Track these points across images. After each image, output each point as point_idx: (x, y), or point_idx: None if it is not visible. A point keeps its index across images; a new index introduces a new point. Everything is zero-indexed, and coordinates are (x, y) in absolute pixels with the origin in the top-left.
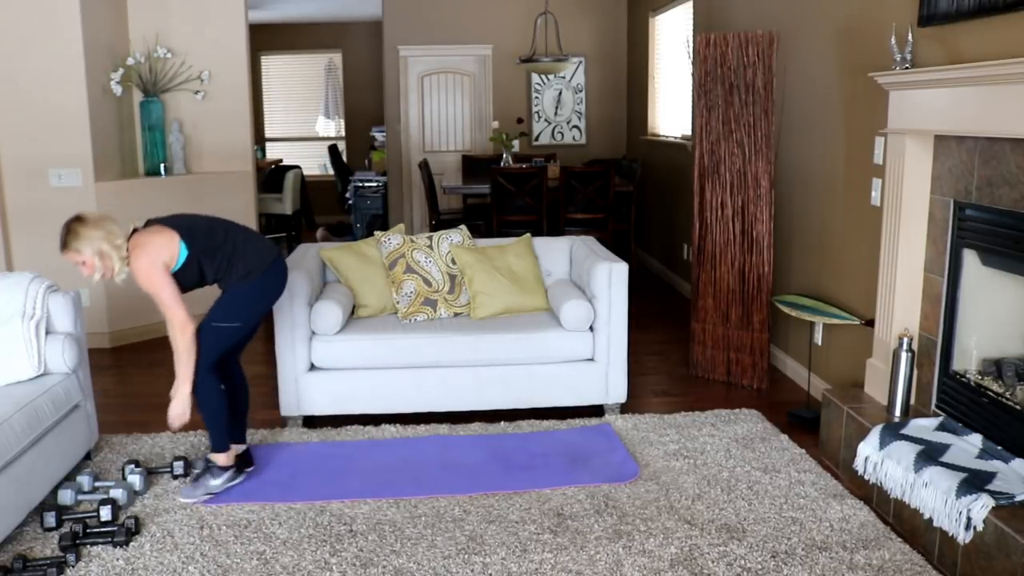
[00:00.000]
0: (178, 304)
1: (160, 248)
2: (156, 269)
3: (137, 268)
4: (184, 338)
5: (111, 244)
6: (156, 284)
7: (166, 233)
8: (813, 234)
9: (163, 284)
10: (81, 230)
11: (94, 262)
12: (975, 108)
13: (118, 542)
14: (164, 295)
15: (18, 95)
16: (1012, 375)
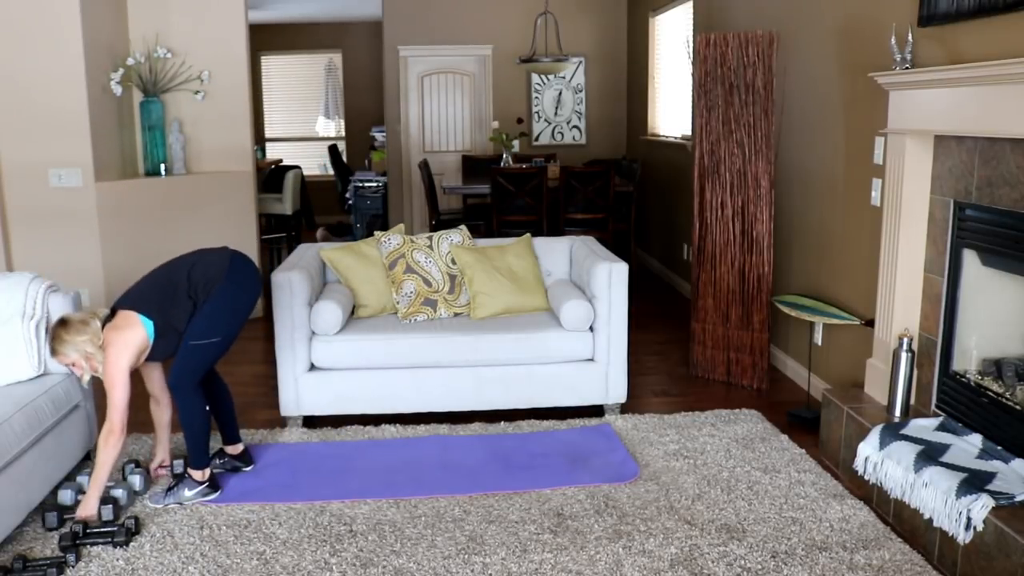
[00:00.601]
0: (125, 410)
1: (128, 343)
2: (119, 370)
3: (105, 369)
4: (109, 443)
5: (95, 346)
6: (115, 384)
7: (128, 319)
8: (813, 234)
9: (120, 385)
10: (65, 336)
11: (82, 364)
12: (975, 108)
13: (118, 542)
14: (117, 395)
15: (18, 95)
16: (1012, 375)
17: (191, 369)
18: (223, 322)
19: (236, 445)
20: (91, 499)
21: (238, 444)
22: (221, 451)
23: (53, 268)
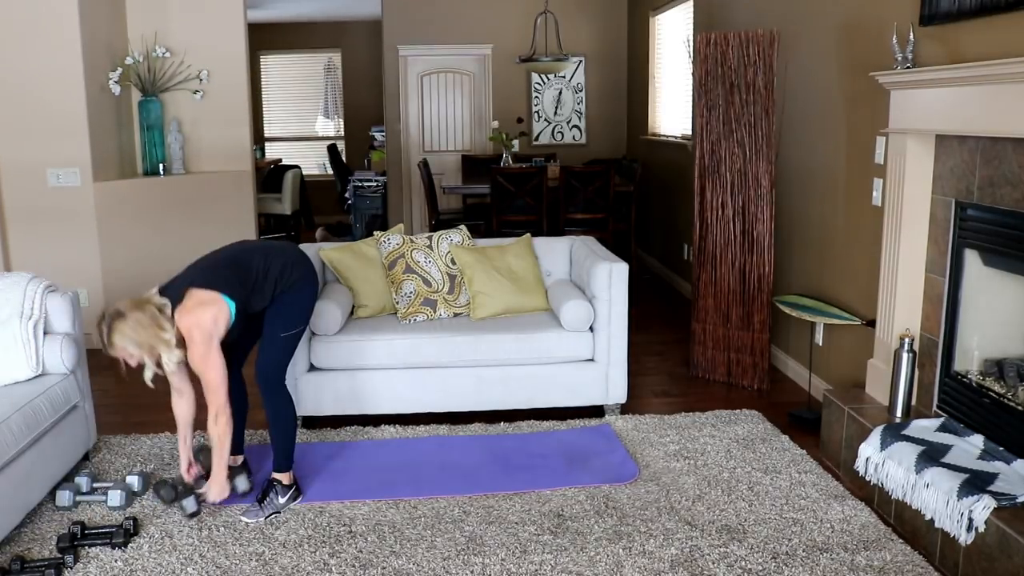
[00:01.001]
0: (223, 387)
1: (217, 320)
2: (213, 352)
3: (194, 352)
4: (220, 424)
5: (156, 336)
6: (210, 366)
7: (210, 296)
8: (814, 234)
9: (217, 366)
10: (121, 326)
11: (141, 357)
12: (977, 108)
13: (116, 543)
14: (213, 376)
15: (16, 95)
16: (1014, 376)
17: (282, 361)
18: (308, 313)
19: (238, 456)
20: (219, 479)
21: (240, 456)
22: None
23: (51, 268)
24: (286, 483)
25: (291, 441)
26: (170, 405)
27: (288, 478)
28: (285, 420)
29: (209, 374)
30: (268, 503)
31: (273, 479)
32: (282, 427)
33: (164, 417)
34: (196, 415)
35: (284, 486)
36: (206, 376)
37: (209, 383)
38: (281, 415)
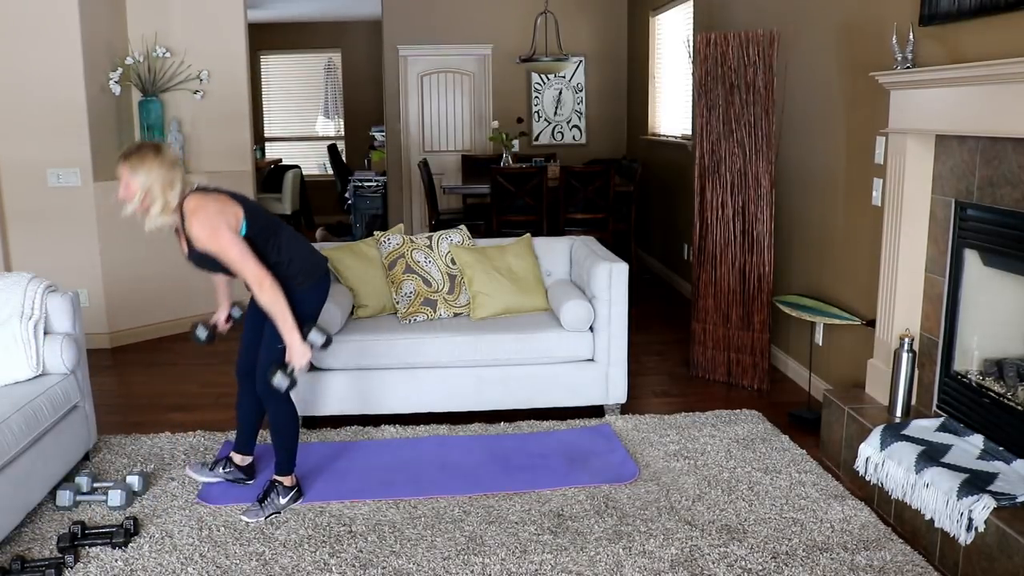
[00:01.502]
0: (248, 259)
1: (220, 213)
2: (221, 230)
3: (199, 232)
4: (265, 291)
5: (163, 191)
6: (223, 244)
7: (227, 200)
8: (814, 234)
9: (231, 243)
10: (150, 159)
11: (136, 194)
12: (976, 108)
13: (117, 543)
14: (232, 253)
15: (16, 95)
16: (1013, 375)
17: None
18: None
19: (247, 456)
20: (293, 345)
21: (249, 456)
22: (228, 459)
23: (51, 268)
24: (287, 485)
25: (292, 445)
26: (170, 406)
27: (290, 480)
28: (285, 425)
29: (229, 252)
30: (269, 503)
31: (274, 480)
32: (283, 432)
33: (164, 417)
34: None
35: (285, 487)
36: (227, 254)
37: (231, 259)
38: (281, 421)
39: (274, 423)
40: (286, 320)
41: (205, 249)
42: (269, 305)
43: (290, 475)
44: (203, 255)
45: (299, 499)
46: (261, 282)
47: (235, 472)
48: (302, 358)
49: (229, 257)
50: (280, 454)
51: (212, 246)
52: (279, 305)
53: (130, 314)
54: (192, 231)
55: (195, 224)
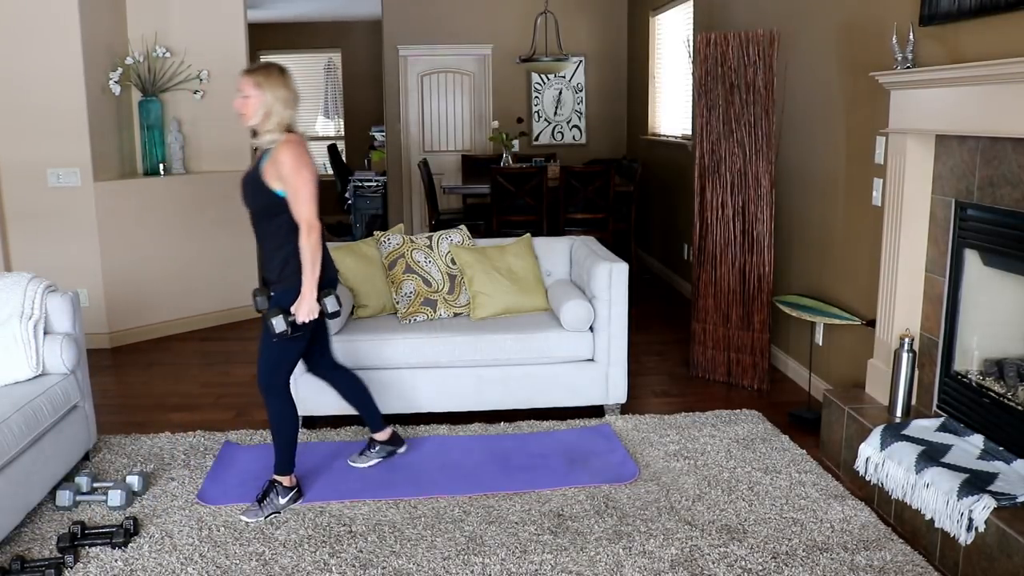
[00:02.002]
0: (313, 202)
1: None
2: (308, 167)
3: (285, 158)
4: (312, 235)
5: (283, 108)
6: (303, 178)
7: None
8: (814, 234)
9: (308, 181)
10: (275, 77)
11: (256, 106)
12: (976, 108)
13: (116, 543)
14: (306, 190)
15: (16, 95)
16: (1014, 375)
17: (277, 365)
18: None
19: (384, 431)
20: (307, 298)
21: (386, 429)
22: (371, 440)
23: (52, 268)
24: (287, 485)
25: (290, 445)
26: (170, 406)
27: (289, 480)
28: (282, 424)
29: (304, 188)
30: (268, 503)
31: (273, 480)
32: (280, 431)
33: (164, 417)
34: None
35: (284, 487)
36: (300, 189)
37: (301, 195)
38: (277, 419)
39: (273, 422)
40: (314, 271)
41: (278, 176)
42: (309, 251)
43: (289, 475)
44: (259, 186)
45: (299, 499)
46: (312, 225)
47: (383, 448)
48: (308, 313)
49: (300, 192)
50: (278, 453)
51: (290, 176)
52: (316, 254)
53: (130, 314)
54: (279, 156)
55: (286, 151)
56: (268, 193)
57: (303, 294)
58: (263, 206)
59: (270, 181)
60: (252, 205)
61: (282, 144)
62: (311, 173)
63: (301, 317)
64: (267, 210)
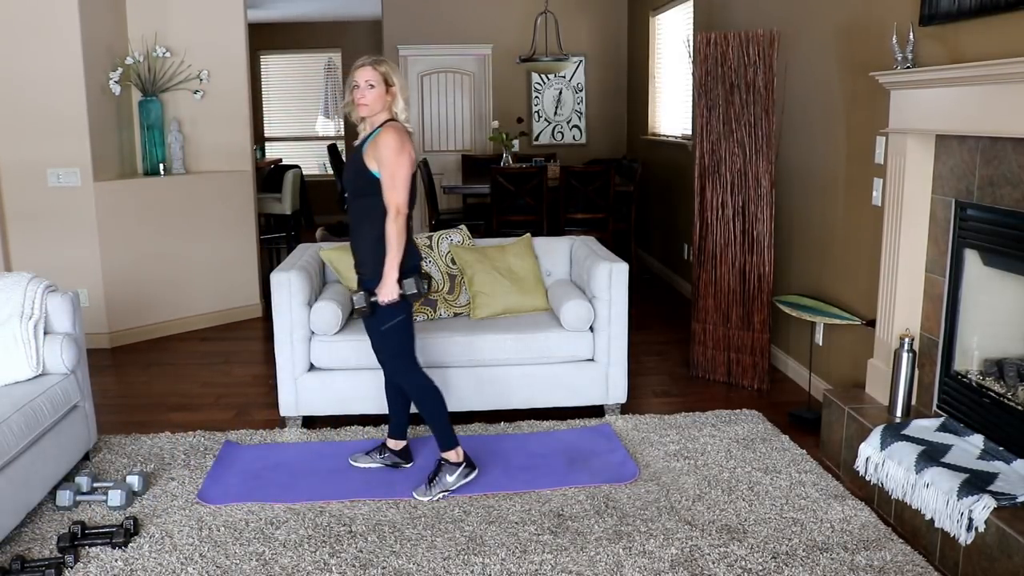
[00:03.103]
0: (406, 188)
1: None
2: (408, 153)
3: (388, 141)
4: (399, 220)
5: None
6: (400, 162)
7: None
8: (814, 234)
9: (404, 165)
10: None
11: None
12: (977, 108)
13: (116, 543)
14: (401, 174)
15: (16, 95)
16: (1014, 375)
17: (398, 348)
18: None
19: (400, 441)
20: (388, 280)
21: (402, 440)
22: (383, 445)
23: (52, 268)
24: (454, 461)
25: (442, 418)
26: (170, 406)
27: (455, 455)
28: (424, 399)
29: (400, 171)
30: (437, 482)
31: (441, 459)
32: (426, 409)
33: (164, 417)
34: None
35: (452, 464)
36: (396, 173)
37: (397, 179)
38: (418, 396)
39: (415, 400)
40: (397, 254)
41: (376, 157)
42: (395, 235)
43: (454, 449)
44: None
45: (470, 474)
46: (400, 210)
47: (391, 457)
48: (390, 294)
49: (396, 176)
50: (434, 429)
51: (388, 158)
52: (400, 239)
53: (130, 314)
54: (382, 138)
55: (389, 134)
56: (366, 174)
57: (385, 275)
58: (359, 187)
59: (369, 162)
60: (349, 185)
61: (386, 127)
62: (410, 160)
63: (382, 298)
64: (361, 191)
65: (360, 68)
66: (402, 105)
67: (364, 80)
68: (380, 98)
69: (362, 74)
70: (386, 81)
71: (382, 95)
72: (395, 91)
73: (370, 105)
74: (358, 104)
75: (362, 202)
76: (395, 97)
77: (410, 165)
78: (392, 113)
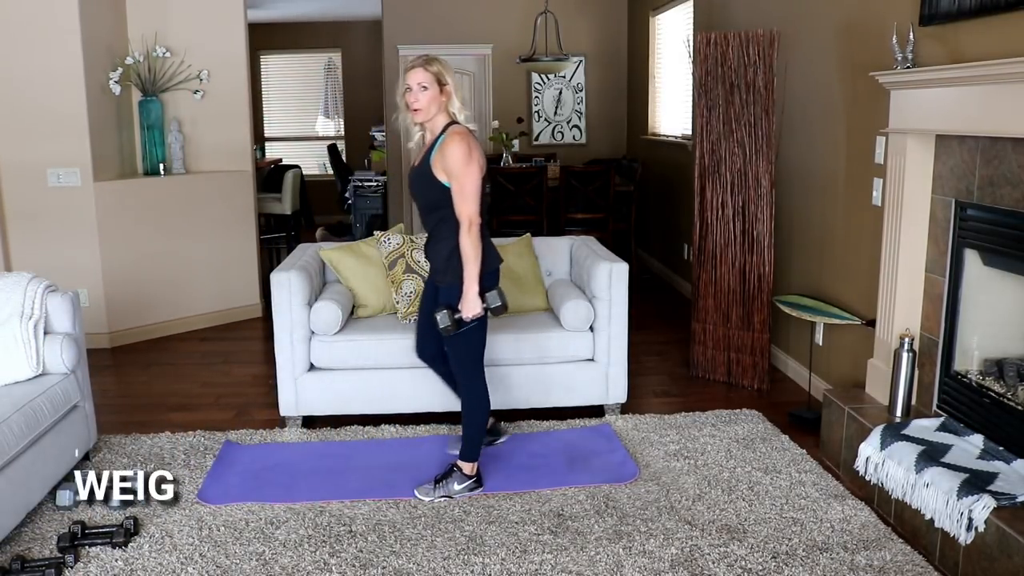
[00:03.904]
0: (476, 199)
1: (477, 150)
2: (476, 162)
3: (454, 150)
4: (472, 232)
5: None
6: (469, 171)
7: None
8: (814, 234)
9: (472, 175)
10: (450, 70)
11: (431, 96)
12: (977, 107)
13: (117, 543)
14: (470, 185)
15: (16, 95)
16: (1013, 375)
17: (468, 356)
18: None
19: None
20: (469, 294)
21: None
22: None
23: (52, 268)
24: (467, 472)
25: (477, 433)
26: (170, 406)
27: (469, 468)
28: (475, 411)
29: (468, 182)
30: (442, 486)
31: (455, 465)
32: (472, 418)
33: (164, 417)
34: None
35: (463, 475)
36: (464, 183)
37: (466, 190)
38: (471, 405)
39: (466, 408)
40: (475, 268)
41: (444, 168)
42: (470, 248)
43: (472, 463)
44: (428, 179)
45: (476, 490)
46: (472, 222)
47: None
48: (473, 309)
49: (465, 187)
50: (466, 440)
51: (457, 169)
52: (476, 251)
53: (130, 314)
54: (447, 148)
55: (455, 144)
56: (436, 185)
57: (465, 291)
58: (430, 199)
59: (437, 173)
60: (421, 198)
61: (451, 135)
62: (478, 168)
63: (466, 314)
64: (434, 203)
65: (411, 70)
66: (458, 104)
67: (416, 82)
68: (434, 99)
69: (413, 76)
70: (439, 80)
71: (436, 96)
72: (449, 90)
73: (424, 109)
74: (412, 109)
75: (436, 214)
76: (450, 96)
77: (479, 173)
78: (450, 115)
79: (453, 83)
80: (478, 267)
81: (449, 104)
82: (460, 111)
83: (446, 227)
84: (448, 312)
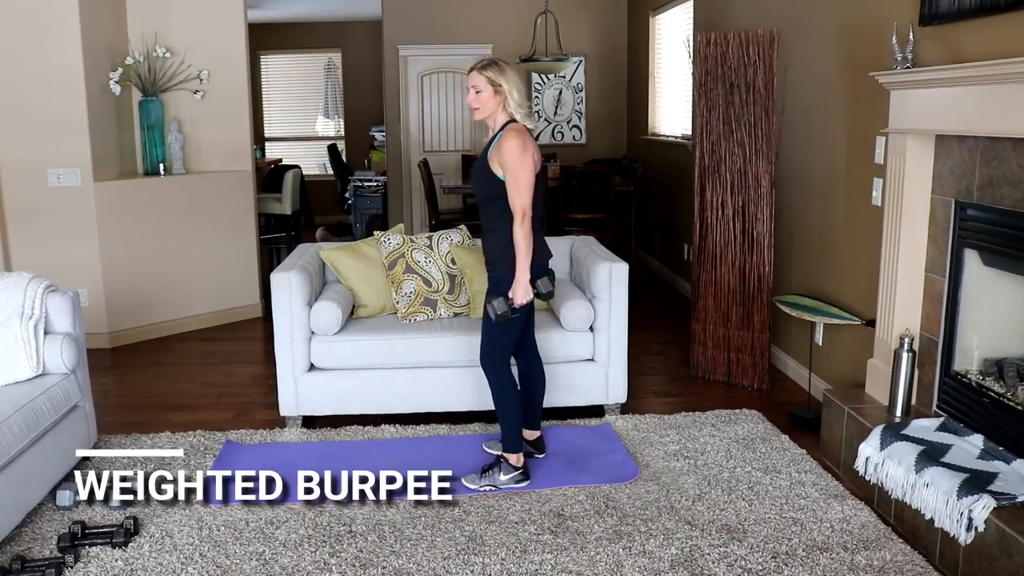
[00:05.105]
0: (529, 192)
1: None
2: (529, 156)
3: (510, 145)
4: (524, 224)
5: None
6: (522, 166)
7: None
8: (814, 234)
9: (527, 169)
10: (509, 73)
11: (487, 97)
12: (976, 108)
13: (117, 543)
14: (523, 178)
15: (17, 95)
16: (1013, 375)
17: (498, 345)
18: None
19: (534, 431)
20: (520, 281)
21: (536, 431)
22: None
23: (52, 268)
24: (513, 463)
25: (511, 424)
26: (170, 406)
27: (516, 459)
28: (502, 398)
29: (522, 176)
30: (488, 476)
31: (501, 456)
32: (499, 409)
33: (164, 417)
34: None
35: (510, 466)
36: (518, 177)
37: (520, 183)
38: (497, 394)
39: (495, 394)
40: (527, 257)
41: (500, 162)
42: (522, 238)
43: (516, 454)
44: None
45: (523, 482)
46: (525, 214)
47: (526, 446)
48: (525, 296)
49: (519, 180)
50: (503, 429)
51: (511, 163)
52: (528, 242)
53: (130, 314)
54: (503, 143)
55: (511, 139)
56: (492, 178)
57: (517, 278)
58: (487, 191)
59: (494, 166)
60: (478, 190)
61: (508, 132)
62: (532, 163)
63: (518, 300)
64: (489, 195)
65: (469, 74)
66: (515, 104)
67: (471, 86)
68: (490, 100)
69: (470, 80)
70: (492, 83)
71: (491, 97)
72: (504, 92)
73: (481, 108)
74: (472, 109)
75: (491, 206)
76: (505, 98)
77: (533, 167)
78: (508, 114)
79: (508, 86)
80: (530, 256)
81: (506, 104)
82: (517, 109)
83: (502, 220)
84: (504, 299)
